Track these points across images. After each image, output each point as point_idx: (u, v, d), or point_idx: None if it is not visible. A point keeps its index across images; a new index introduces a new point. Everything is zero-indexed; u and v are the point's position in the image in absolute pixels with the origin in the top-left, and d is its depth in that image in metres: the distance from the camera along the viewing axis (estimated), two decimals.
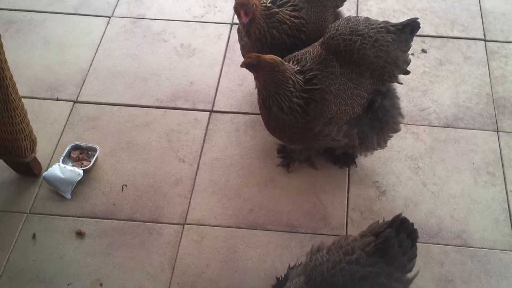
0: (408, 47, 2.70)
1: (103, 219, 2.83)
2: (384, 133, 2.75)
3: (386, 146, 2.83)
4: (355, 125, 2.63)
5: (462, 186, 2.93)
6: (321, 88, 2.55)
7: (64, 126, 3.19)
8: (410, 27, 2.69)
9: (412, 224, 2.21)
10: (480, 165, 3.02)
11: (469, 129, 3.16)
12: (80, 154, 3.05)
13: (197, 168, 3.01)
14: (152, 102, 3.30)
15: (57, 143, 3.11)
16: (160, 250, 2.72)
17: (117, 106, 3.28)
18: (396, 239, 2.13)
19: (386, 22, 2.70)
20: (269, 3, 2.80)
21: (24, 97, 2.86)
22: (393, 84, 2.73)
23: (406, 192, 2.91)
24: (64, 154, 3.01)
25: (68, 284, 2.62)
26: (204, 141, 3.12)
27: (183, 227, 2.80)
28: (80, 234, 2.78)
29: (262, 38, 2.78)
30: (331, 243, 2.26)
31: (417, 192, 2.91)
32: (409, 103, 3.26)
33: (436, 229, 2.78)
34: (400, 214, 2.20)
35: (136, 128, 3.19)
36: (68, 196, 2.90)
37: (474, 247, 2.72)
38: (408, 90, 3.31)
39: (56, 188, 2.90)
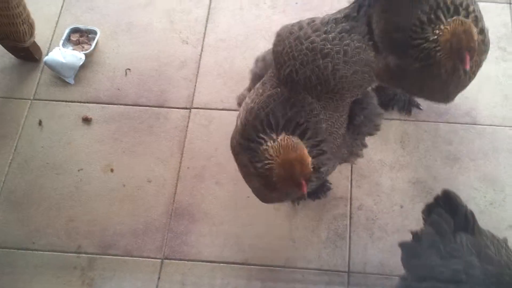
0: (365, 30, 2.23)
1: (108, 104, 2.80)
2: (364, 134, 2.40)
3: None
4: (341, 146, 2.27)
5: None
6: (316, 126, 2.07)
7: (61, 7, 3.07)
8: (358, 5, 2.24)
9: None
10: (491, 39, 2.91)
11: (480, 1, 3.03)
12: (80, 37, 2.96)
13: (201, 50, 2.93)
14: None
15: (55, 26, 3.02)
16: (168, 135, 2.71)
17: None
18: None
19: (333, 15, 2.23)
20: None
21: None
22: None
23: None
24: (63, 38, 2.93)
25: (78, 170, 2.64)
26: (207, 21, 3.02)
27: (190, 111, 2.77)
28: (86, 120, 2.76)
29: None
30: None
31: None
32: None
33: (445, 108, 2.75)
34: None
35: (136, 8, 3.07)
36: (71, 81, 2.85)
37: (483, 125, 2.71)
38: None
39: (58, 73, 2.85)
